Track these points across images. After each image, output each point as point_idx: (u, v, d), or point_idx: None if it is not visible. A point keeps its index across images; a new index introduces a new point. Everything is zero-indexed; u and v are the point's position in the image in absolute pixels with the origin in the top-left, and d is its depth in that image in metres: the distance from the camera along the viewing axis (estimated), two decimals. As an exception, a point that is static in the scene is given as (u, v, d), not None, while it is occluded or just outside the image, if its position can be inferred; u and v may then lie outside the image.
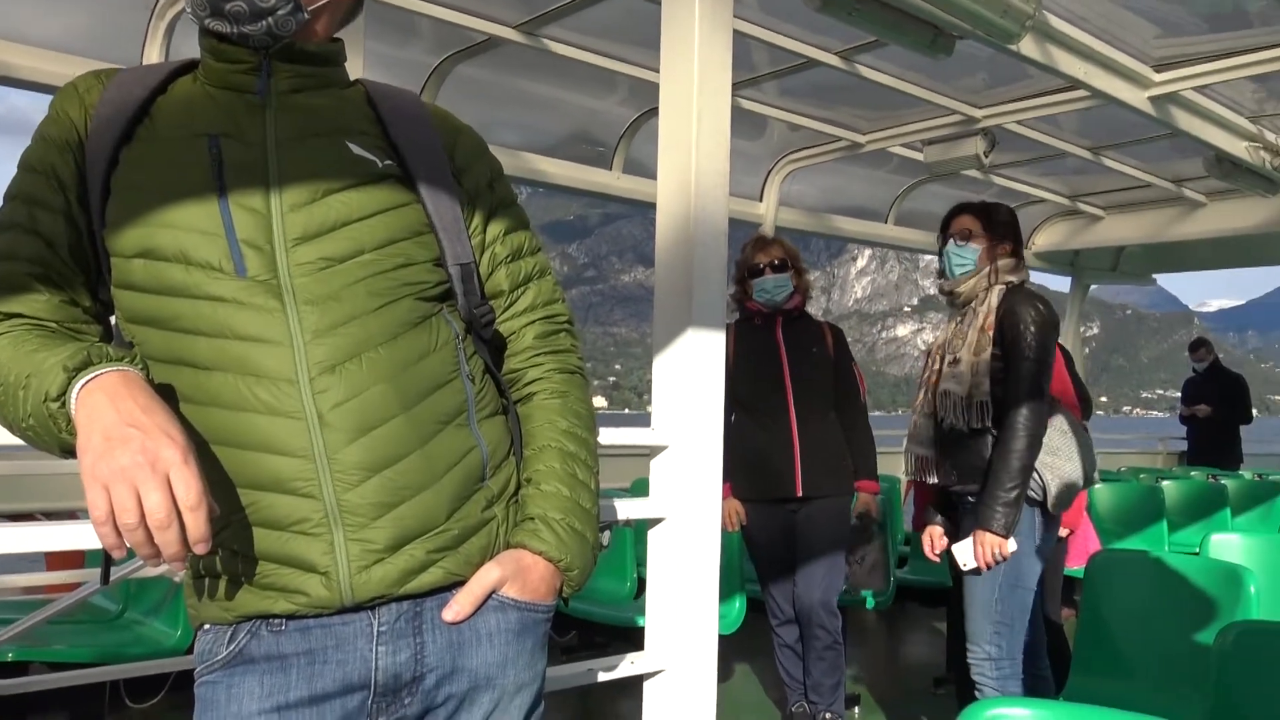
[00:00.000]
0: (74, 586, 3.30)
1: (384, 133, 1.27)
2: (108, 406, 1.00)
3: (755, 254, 3.81)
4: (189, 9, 1.19)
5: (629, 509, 2.13)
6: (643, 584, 4.04)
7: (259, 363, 1.12)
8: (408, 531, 1.15)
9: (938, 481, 3.03)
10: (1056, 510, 2.85)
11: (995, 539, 2.74)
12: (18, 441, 1.15)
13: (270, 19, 1.17)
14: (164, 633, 3.48)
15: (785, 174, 5.61)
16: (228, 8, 1.15)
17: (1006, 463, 2.74)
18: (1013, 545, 2.76)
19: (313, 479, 1.12)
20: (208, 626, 1.18)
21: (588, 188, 5.03)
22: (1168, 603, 2.93)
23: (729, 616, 3.81)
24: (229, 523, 1.13)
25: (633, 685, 2.14)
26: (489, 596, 1.22)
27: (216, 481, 1.10)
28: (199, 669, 1.18)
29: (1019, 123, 4.78)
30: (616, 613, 4.11)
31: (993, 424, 2.83)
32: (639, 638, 2.20)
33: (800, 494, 3.69)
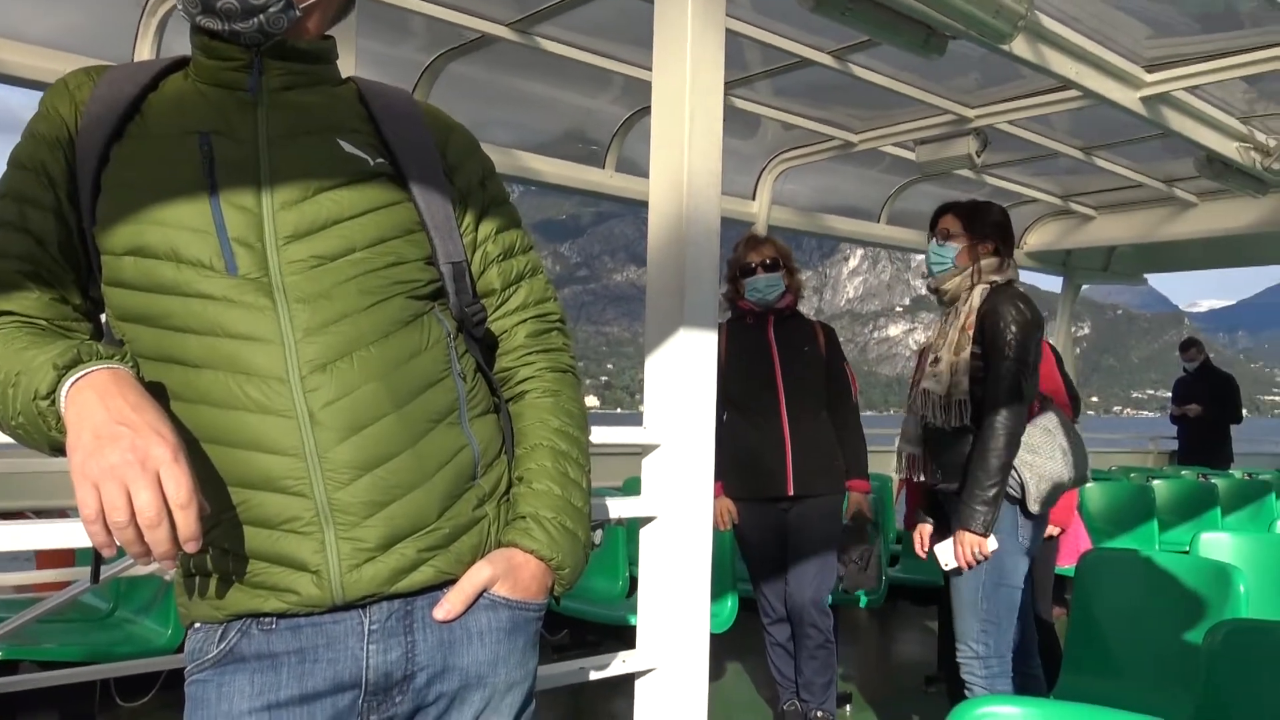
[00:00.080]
0: (64, 585, 3.29)
1: (376, 131, 1.27)
2: (98, 404, 1.00)
3: (747, 253, 3.81)
4: (180, 6, 1.18)
5: (621, 508, 2.13)
6: (634, 583, 4.03)
7: (250, 361, 1.12)
8: (399, 530, 1.15)
9: (925, 480, 3.04)
10: (1038, 508, 2.82)
11: (975, 538, 2.74)
12: (7, 439, 1.15)
13: (262, 16, 1.17)
14: (154, 631, 3.48)
15: (778, 173, 5.62)
16: (219, 5, 1.15)
17: (984, 462, 2.73)
18: (993, 544, 2.75)
19: (303, 477, 1.12)
20: (198, 625, 1.18)
21: (580, 186, 5.03)
22: (1158, 601, 2.94)
23: (721, 615, 3.82)
24: (219, 521, 1.12)
25: (624, 684, 2.14)
26: (480, 595, 1.22)
27: (207, 480, 1.09)
28: (189, 668, 1.17)
29: (1011, 123, 4.79)
30: (608, 611, 4.11)
31: (973, 423, 2.81)
32: (631, 636, 2.20)
33: (792, 493, 3.69)
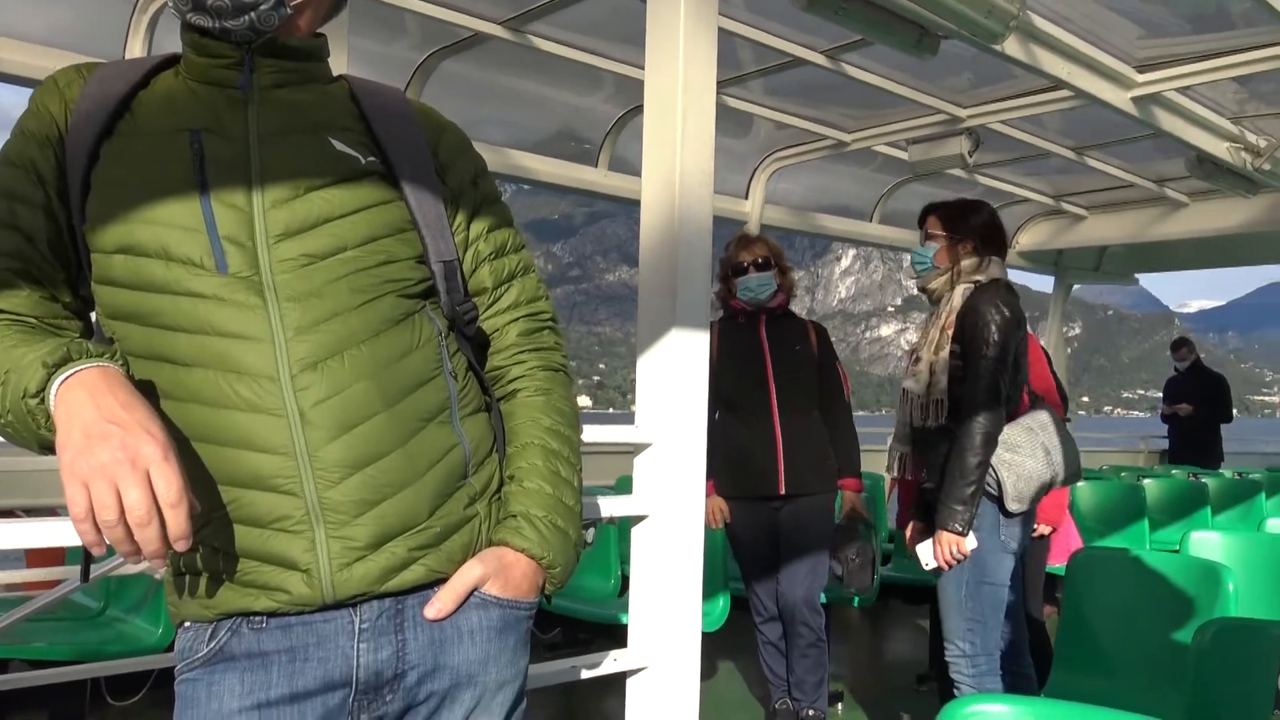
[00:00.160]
0: (54, 584, 3.28)
1: (367, 129, 1.27)
2: (87, 403, 1.00)
3: (739, 252, 3.81)
4: (171, 3, 1.18)
5: (613, 506, 2.13)
6: (626, 581, 4.04)
7: (240, 359, 1.12)
8: (389, 529, 1.15)
9: (912, 478, 3.04)
10: (1016, 507, 2.80)
11: (953, 537, 2.74)
12: (-3, 437, 1.14)
13: (253, 13, 1.16)
14: (145, 630, 3.46)
15: (771, 172, 5.62)
16: (210, 2, 1.15)
17: (961, 461, 2.72)
18: (972, 543, 2.75)
19: (294, 476, 1.12)
20: (188, 624, 1.18)
21: (573, 185, 5.03)
22: (1148, 600, 2.95)
23: (713, 614, 3.82)
24: (210, 520, 1.12)
25: (616, 682, 2.14)
26: (471, 594, 1.22)
27: (197, 478, 1.09)
28: (179, 666, 1.17)
29: (1003, 122, 4.80)
30: (600, 610, 4.11)
31: (951, 421, 2.81)
32: (622, 635, 2.20)
33: (783, 492, 3.69)
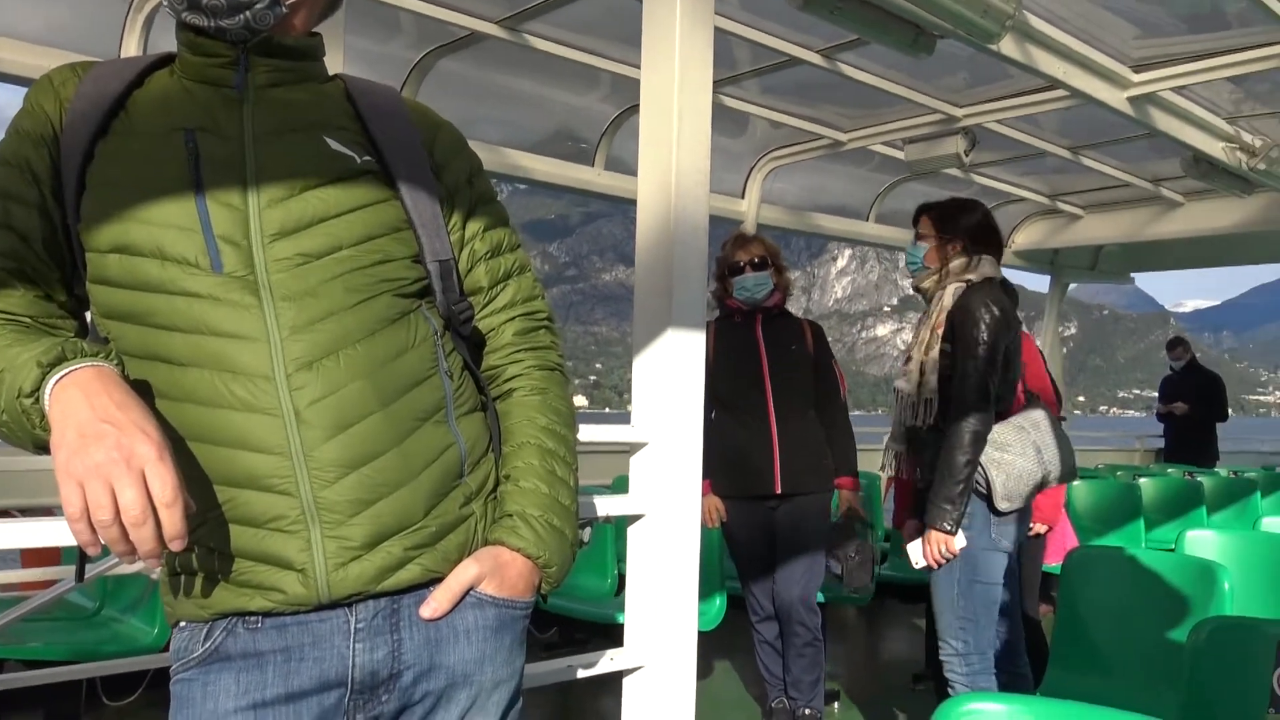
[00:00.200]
0: (50, 583, 3.27)
1: (363, 128, 1.27)
2: (82, 402, 0.99)
3: (735, 251, 3.81)
4: (166, 3, 1.18)
5: (609, 506, 2.13)
6: (623, 580, 4.04)
7: (235, 359, 1.12)
8: (385, 528, 1.15)
9: (907, 478, 3.05)
10: (1005, 505, 2.79)
11: (941, 536, 2.74)
12: (-9, 438, 1.14)
13: (248, 12, 1.16)
14: (140, 630, 3.46)
15: (767, 171, 5.62)
16: (205, 1, 1.15)
17: (950, 460, 2.72)
18: (961, 541, 2.75)
19: (289, 476, 1.11)
20: (184, 624, 1.18)
21: (569, 184, 5.02)
22: (1144, 599, 2.95)
23: (709, 613, 3.82)
24: (205, 520, 1.12)
25: (612, 681, 2.14)
26: (467, 593, 1.22)
27: (192, 478, 1.09)
28: (175, 666, 1.17)
29: (999, 122, 4.81)
30: (596, 609, 4.11)
31: (941, 420, 2.80)
32: (619, 634, 2.20)
33: (779, 491, 3.69)
